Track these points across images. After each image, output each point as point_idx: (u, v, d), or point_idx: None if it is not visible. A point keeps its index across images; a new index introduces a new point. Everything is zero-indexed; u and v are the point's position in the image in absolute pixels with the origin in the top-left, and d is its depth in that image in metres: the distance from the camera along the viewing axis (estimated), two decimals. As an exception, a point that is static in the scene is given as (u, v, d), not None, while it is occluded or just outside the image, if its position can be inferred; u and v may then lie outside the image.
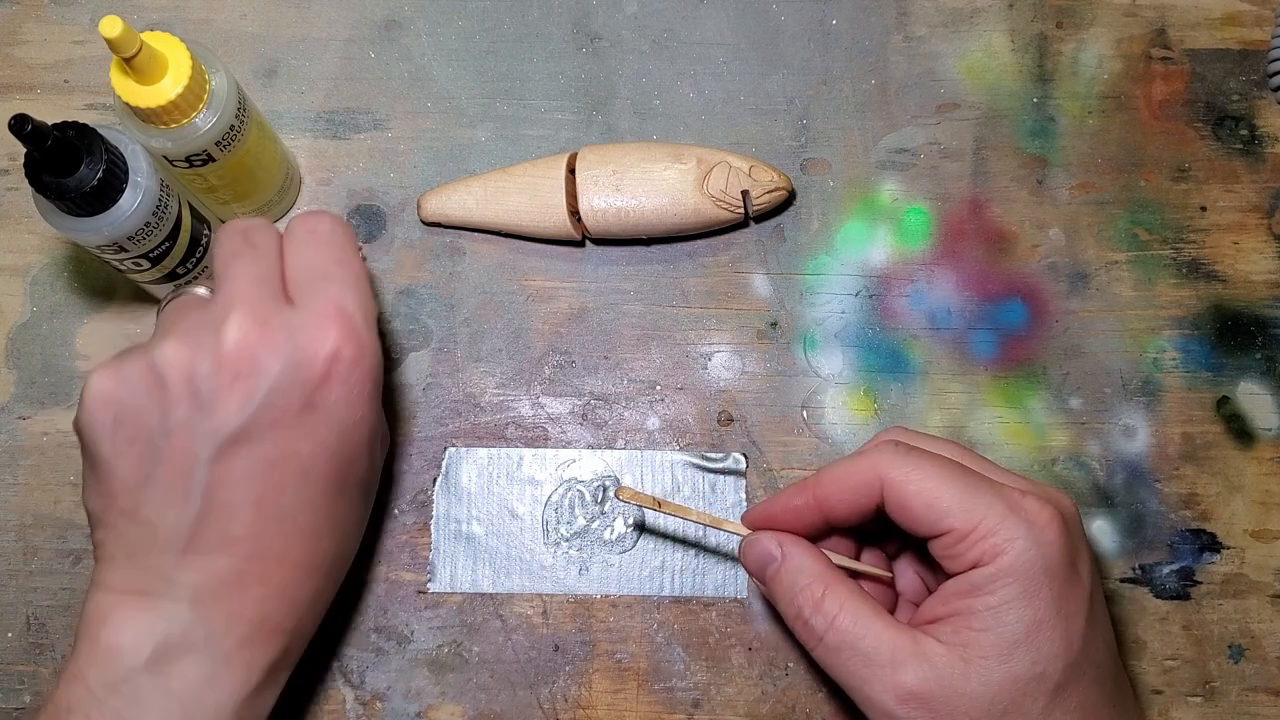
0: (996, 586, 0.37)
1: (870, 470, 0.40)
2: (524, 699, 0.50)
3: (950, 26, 0.58)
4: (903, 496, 0.39)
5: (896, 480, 0.39)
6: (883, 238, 0.56)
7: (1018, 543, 0.37)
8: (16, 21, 0.58)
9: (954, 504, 0.38)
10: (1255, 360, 0.54)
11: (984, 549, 0.37)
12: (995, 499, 0.38)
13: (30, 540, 0.52)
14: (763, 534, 0.43)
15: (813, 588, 0.40)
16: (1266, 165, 0.56)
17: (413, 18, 0.58)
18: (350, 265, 0.42)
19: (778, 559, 0.42)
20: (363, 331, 0.40)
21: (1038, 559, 0.37)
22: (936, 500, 0.38)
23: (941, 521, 0.38)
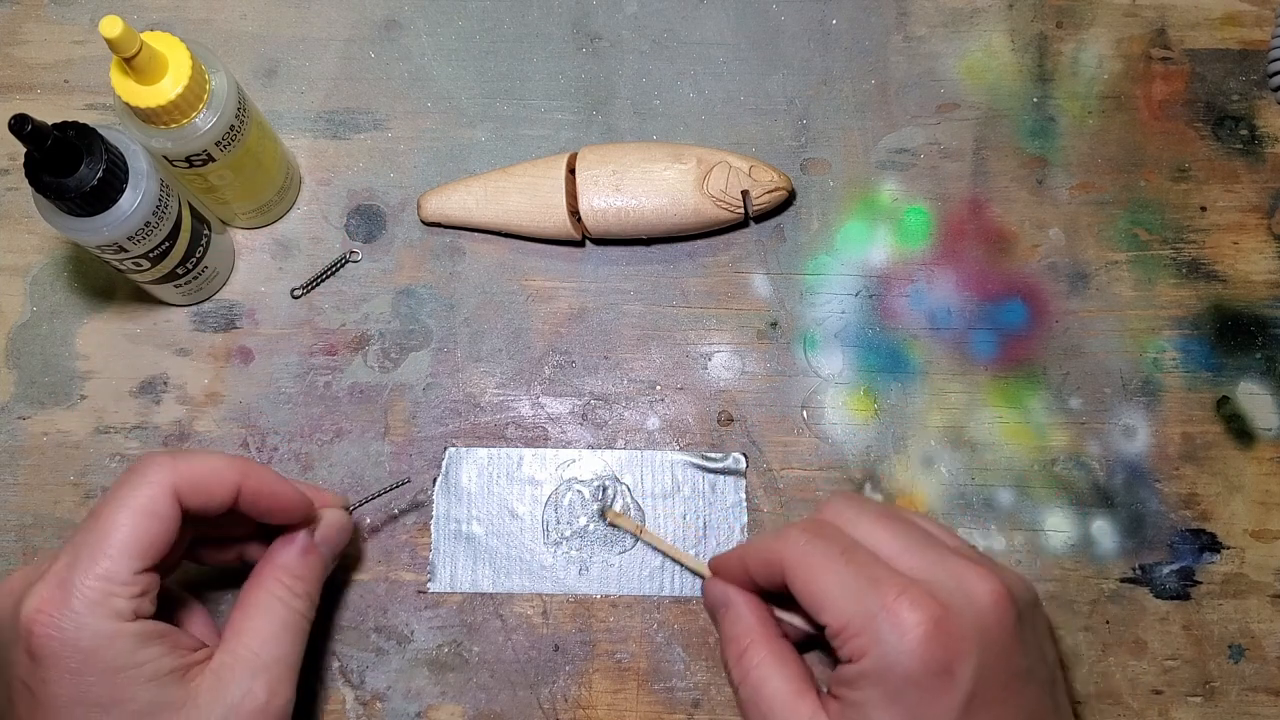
0: (862, 685, 0.38)
1: (777, 554, 0.42)
2: (524, 699, 0.50)
3: (950, 26, 0.58)
4: (795, 583, 0.41)
5: (791, 569, 0.41)
6: (883, 238, 0.56)
7: (879, 646, 0.38)
8: (16, 21, 0.58)
9: (831, 599, 0.39)
10: (1255, 360, 0.54)
11: (853, 647, 0.38)
12: (870, 598, 0.38)
13: (30, 540, 0.52)
14: (715, 582, 0.46)
15: (740, 640, 0.43)
16: (1266, 165, 0.56)
17: (413, 18, 0.58)
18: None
19: (725, 605, 0.45)
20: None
21: (895, 666, 0.37)
22: (819, 593, 0.40)
23: (821, 615, 0.39)
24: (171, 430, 0.53)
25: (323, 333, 0.54)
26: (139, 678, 0.38)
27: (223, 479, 0.40)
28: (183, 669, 0.39)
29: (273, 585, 0.42)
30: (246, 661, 0.40)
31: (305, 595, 0.43)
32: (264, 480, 0.42)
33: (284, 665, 0.41)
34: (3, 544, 0.52)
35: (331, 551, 0.46)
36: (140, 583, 0.38)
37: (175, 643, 0.39)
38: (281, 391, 0.54)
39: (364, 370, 0.54)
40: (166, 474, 0.39)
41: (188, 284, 0.52)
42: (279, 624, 0.41)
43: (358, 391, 0.54)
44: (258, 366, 0.54)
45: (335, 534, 0.46)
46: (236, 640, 0.41)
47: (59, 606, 0.37)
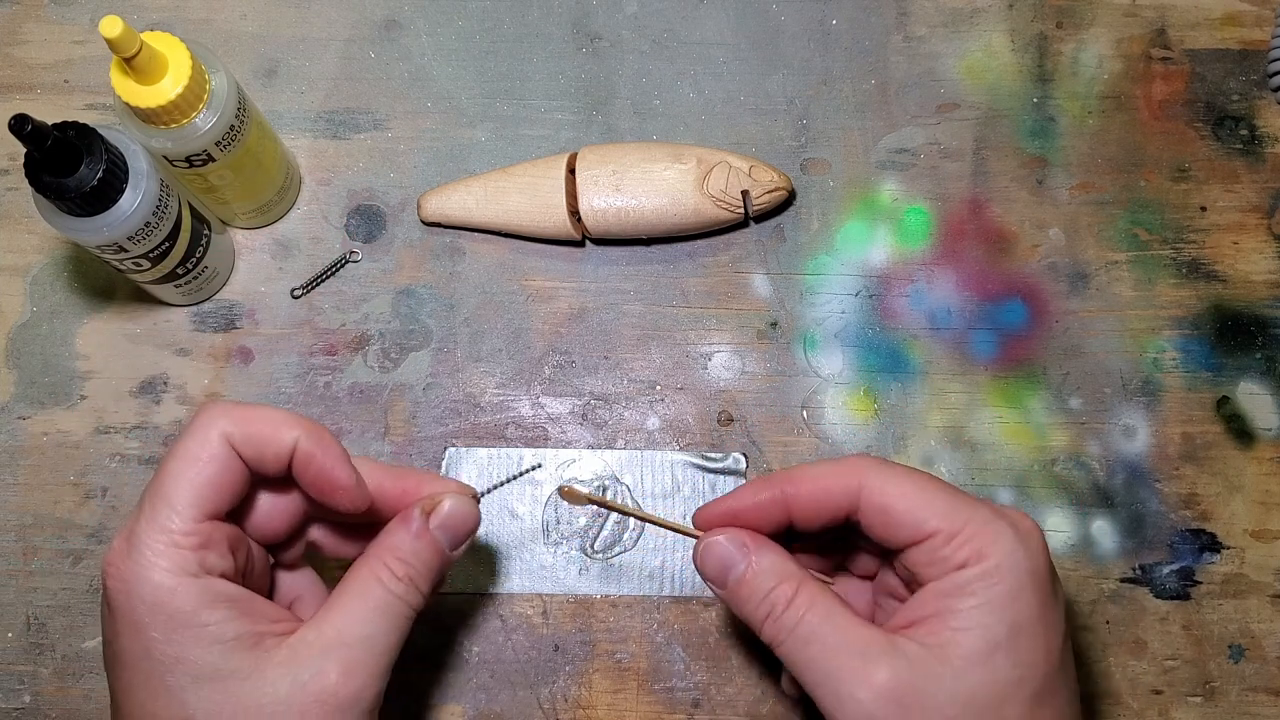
0: (980, 586, 0.36)
1: (851, 474, 0.38)
2: (524, 699, 0.50)
3: (950, 26, 0.58)
4: (885, 500, 0.38)
5: (878, 485, 0.38)
6: (883, 238, 0.56)
7: (1004, 544, 0.36)
8: (16, 21, 0.58)
9: (939, 507, 0.37)
10: (1255, 360, 0.54)
11: (970, 551, 0.36)
12: (980, 506, 0.37)
13: (30, 540, 0.52)
14: (722, 536, 0.40)
15: (783, 588, 0.38)
16: (1266, 165, 0.56)
17: (413, 18, 0.58)
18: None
19: (742, 563, 0.39)
20: None
21: (1024, 561, 0.36)
22: (922, 503, 0.37)
23: (926, 524, 0.37)
24: (171, 430, 0.53)
25: (323, 333, 0.54)
26: (203, 638, 0.35)
27: (278, 434, 0.38)
28: (254, 637, 0.36)
29: (375, 565, 0.39)
30: (327, 639, 0.37)
31: (408, 580, 0.39)
32: (321, 447, 0.38)
33: (369, 650, 0.37)
34: (3, 544, 0.52)
35: (451, 540, 0.41)
36: (202, 532, 0.36)
37: (249, 609, 0.37)
38: (281, 391, 0.54)
39: (364, 370, 0.54)
40: (220, 419, 0.37)
41: (188, 284, 0.52)
42: (372, 606, 0.38)
43: (358, 391, 0.54)
44: (258, 366, 0.54)
45: (457, 522, 0.41)
46: (323, 617, 0.38)
47: (124, 558, 0.36)
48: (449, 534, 0.41)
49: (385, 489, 0.41)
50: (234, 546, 0.38)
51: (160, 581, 0.35)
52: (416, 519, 0.40)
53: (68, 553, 0.52)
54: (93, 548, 0.52)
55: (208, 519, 0.37)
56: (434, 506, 0.41)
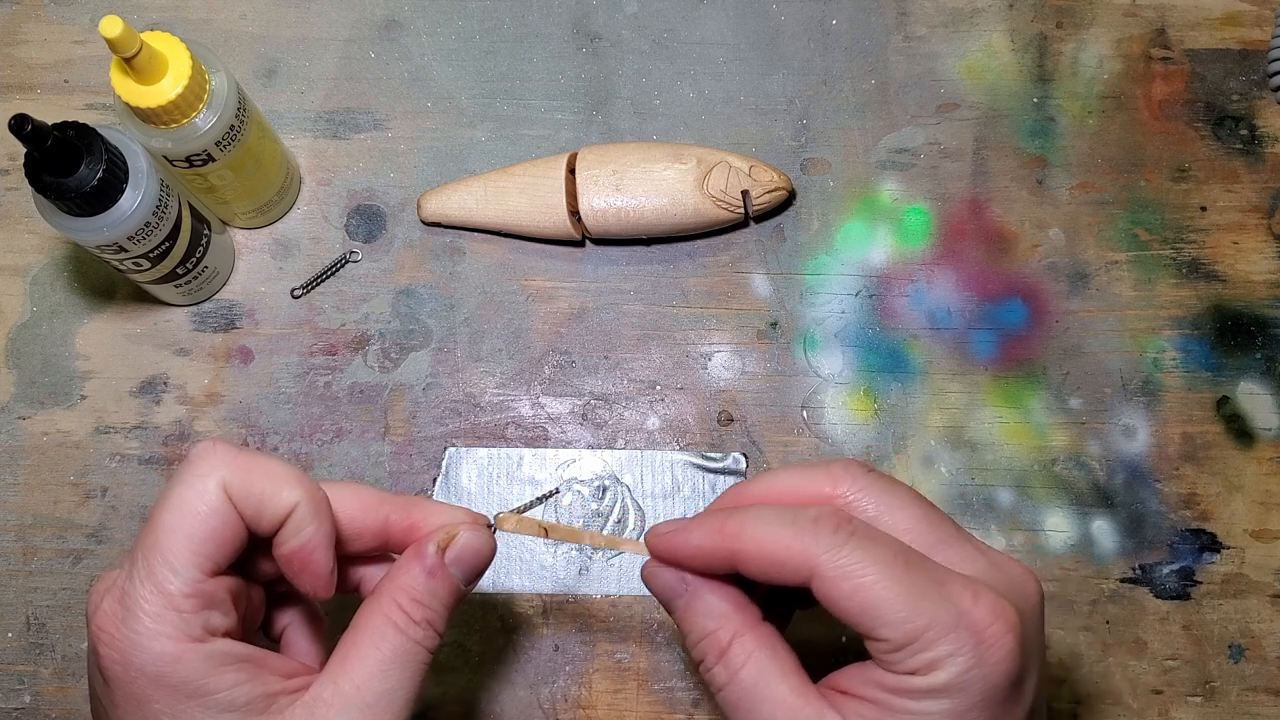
0: (926, 698, 0.33)
1: (802, 554, 0.34)
2: (524, 699, 0.50)
3: (950, 26, 0.58)
4: (836, 594, 0.34)
5: (830, 576, 0.34)
6: (883, 238, 0.56)
7: (959, 661, 0.33)
8: (16, 21, 0.58)
9: (893, 610, 0.33)
10: (1255, 360, 0.54)
11: (920, 661, 0.33)
12: (941, 605, 0.33)
13: (30, 540, 0.52)
14: (665, 567, 0.37)
15: (720, 633, 0.36)
16: (1266, 165, 0.56)
17: (413, 18, 0.58)
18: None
19: (683, 593, 0.37)
20: None
21: (977, 680, 0.33)
22: (874, 604, 0.33)
23: (876, 630, 0.33)
24: (172, 430, 0.53)
25: (323, 333, 0.54)
26: (211, 707, 0.33)
27: (279, 494, 0.35)
28: (266, 699, 0.34)
29: (389, 609, 0.36)
30: (346, 697, 0.34)
31: (426, 623, 0.36)
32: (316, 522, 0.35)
33: (389, 705, 0.35)
34: (3, 544, 0.52)
35: (466, 575, 0.38)
36: (204, 593, 0.33)
37: (261, 668, 0.34)
38: (281, 391, 0.54)
39: (364, 370, 0.54)
40: (219, 469, 0.34)
41: (188, 284, 0.52)
42: (390, 655, 0.35)
43: (358, 391, 0.54)
44: (258, 366, 0.54)
45: (471, 555, 0.38)
46: (339, 670, 0.35)
47: (118, 624, 0.33)
48: (464, 568, 0.38)
49: (393, 522, 0.38)
50: (236, 598, 0.36)
51: (162, 650, 0.33)
52: (431, 555, 0.37)
53: (68, 553, 0.52)
54: (93, 548, 0.52)
55: (209, 577, 0.34)
56: (449, 541, 0.38)
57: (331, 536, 0.36)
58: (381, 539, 0.38)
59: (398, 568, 0.37)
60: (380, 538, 0.38)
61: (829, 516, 0.35)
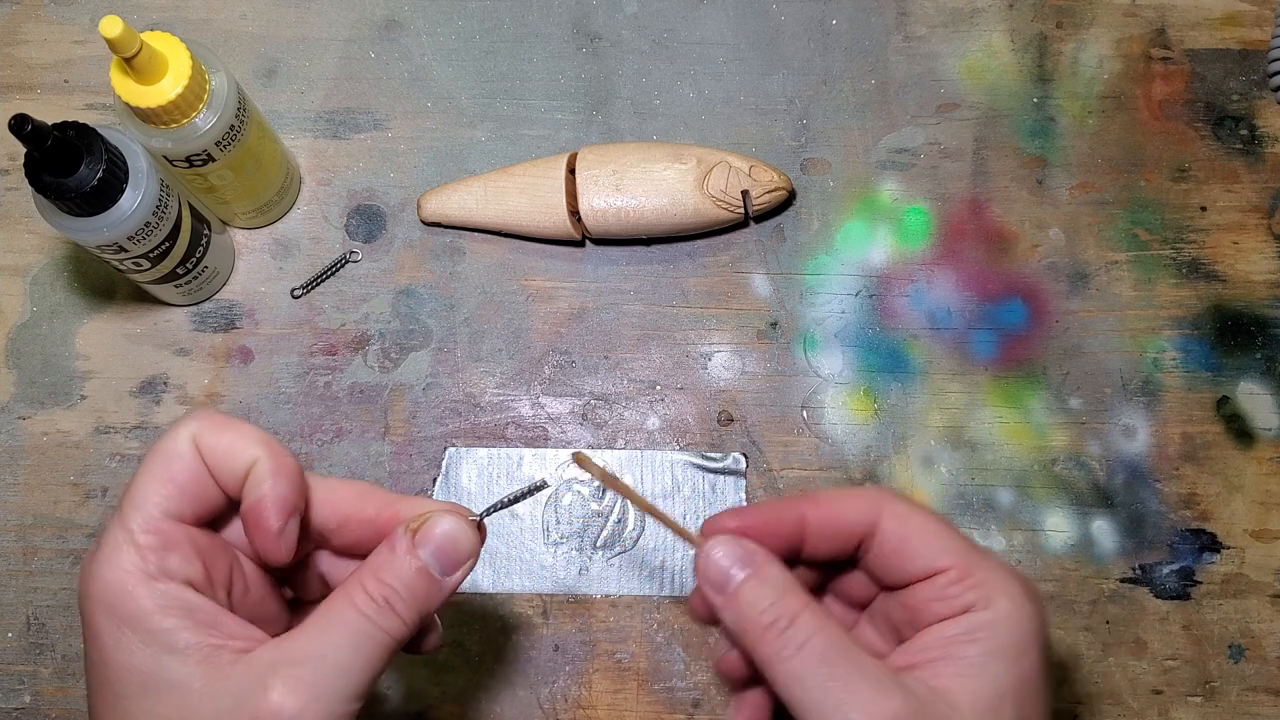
0: (987, 634, 0.35)
1: (872, 500, 0.37)
2: (524, 699, 0.50)
3: (950, 26, 0.58)
4: (904, 529, 0.37)
5: (899, 513, 0.37)
6: (883, 238, 0.56)
7: (1014, 595, 0.35)
8: (16, 21, 0.58)
9: (955, 545, 0.36)
10: (1255, 360, 0.54)
11: (979, 595, 0.35)
12: (989, 555, 0.37)
13: (30, 540, 0.52)
14: (728, 539, 0.37)
15: (790, 600, 0.36)
16: (1266, 165, 0.56)
17: (413, 18, 0.58)
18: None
19: (746, 569, 0.37)
20: None
21: (1031, 616, 0.35)
22: (938, 538, 0.36)
23: (940, 559, 0.36)
24: (171, 430, 0.53)
25: (323, 333, 0.54)
26: (151, 644, 0.33)
27: (241, 449, 0.35)
28: (208, 649, 0.34)
29: (350, 586, 0.36)
30: (283, 659, 0.34)
31: (384, 602, 0.35)
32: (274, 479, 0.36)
33: (320, 670, 0.34)
34: (3, 544, 0.52)
35: (441, 564, 0.37)
36: (163, 532, 0.34)
37: (209, 621, 0.34)
38: (281, 391, 0.54)
39: (364, 370, 0.54)
40: (192, 422, 0.36)
41: (188, 284, 0.52)
42: (337, 625, 0.35)
43: (358, 391, 0.54)
44: (258, 366, 0.54)
45: (448, 544, 0.37)
46: (288, 637, 0.35)
47: (90, 558, 0.34)
48: (440, 558, 0.37)
49: (383, 517, 0.38)
50: (206, 555, 0.36)
51: (113, 579, 0.34)
52: (400, 538, 0.37)
53: (68, 553, 0.52)
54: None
55: (170, 519, 0.35)
56: (421, 524, 0.37)
57: (290, 500, 0.36)
58: (371, 530, 0.39)
59: (372, 553, 0.37)
60: (370, 529, 0.38)
61: (884, 487, 0.39)
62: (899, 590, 0.37)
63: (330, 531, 0.38)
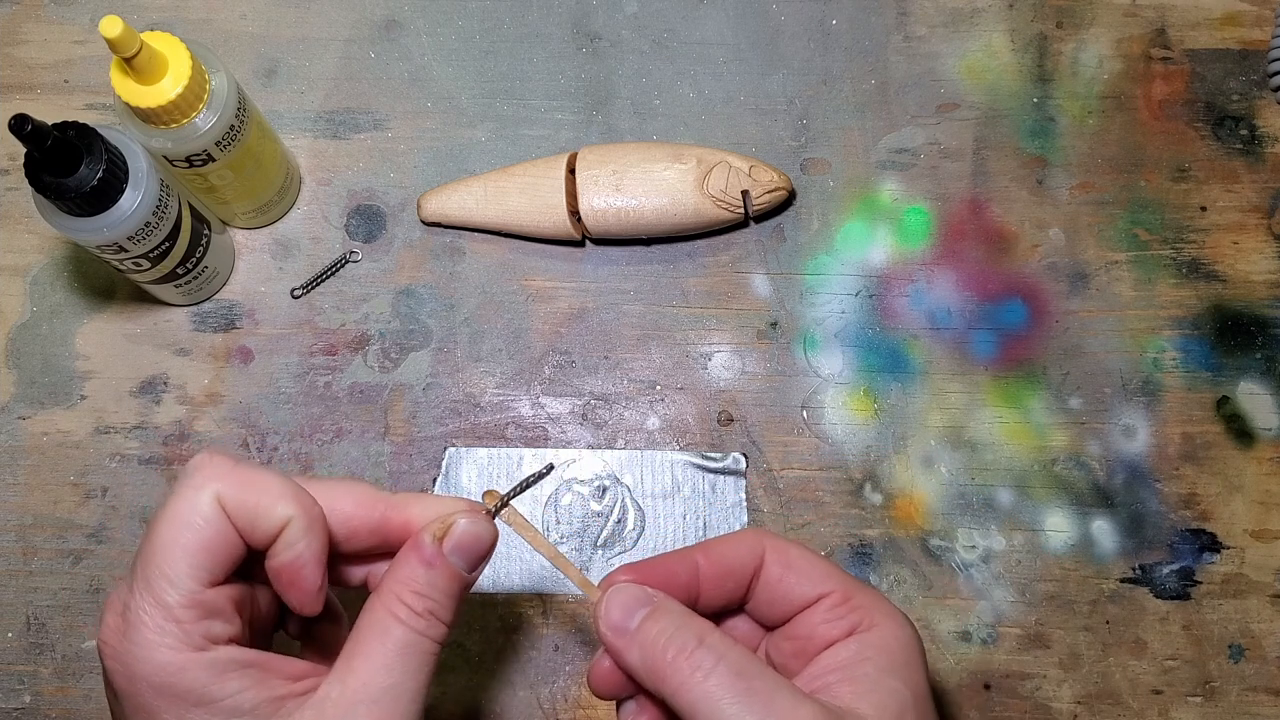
0: (877, 653, 0.37)
1: (754, 539, 0.40)
2: (524, 699, 0.50)
3: (950, 26, 0.58)
4: (786, 560, 0.39)
5: (779, 547, 0.39)
6: (883, 238, 0.56)
7: (893, 616, 0.38)
8: (16, 21, 0.58)
9: (832, 571, 0.39)
10: (1255, 360, 0.54)
11: (862, 615, 0.37)
12: (865, 583, 0.39)
13: (30, 540, 0.52)
14: (627, 584, 0.38)
15: (694, 626, 0.37)
16: (1266, 165, 0.56)
17: (413, 18, 0.58)
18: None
19: (650, 604, 0.37)
20: None
21: (912, 637, 0.37)
22: (820, 569, 0.39)
23: (822, 583, 0.38)
24: (171, 430, 0.53)
25: (323, 333, 0.54)
26: (219, 712, 0.33)
27: (273, 508, 0.35)
28: (274, 702, 0.34)
29: (390, 603, 0.36)
30: (353, 694, 0.34)
31: (428, 614, 0.36)
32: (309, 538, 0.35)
33: (396, 700, 0.35)
34: (3, 544, 0.52)
35: (468, 563, 0.38)
36: (204, 603, 0.33)
37: (266, 672, 0.34)
38: (281, 391, 0.54)
39: (364, 370, 0.54)
40: (213, 481, 0.34)
41: (188, 284, 0.52)
42: (394, 649, 0.35)
43: (358, 391, 0.54)
44: (258, 366, 0.54)
45: (471, 542, 0.38)
46: (345, 668, 0.35)
47: (120, 637, 0.33)
48: (465, 556, 0.38)
49: (389, 519, 0.38)
50: (240, 604, 0.36)
51: (165, 661, 0.33)
52: (428, 545, 0.37)
53: (68, 553, 0.52)
54: (93, 548, 0.52)
55: (207, 587, 0.34)
56: (445, 530, 0.37)
57: (323, 554, 0.36)
58: (379, 537, 0.38)
59: (397, 562, 0.37)
60: (378, 535, 0.38)
61: (762, 530, 0.41)
62: (785, 625, 0.39)
63: (338, 543, 0.38)
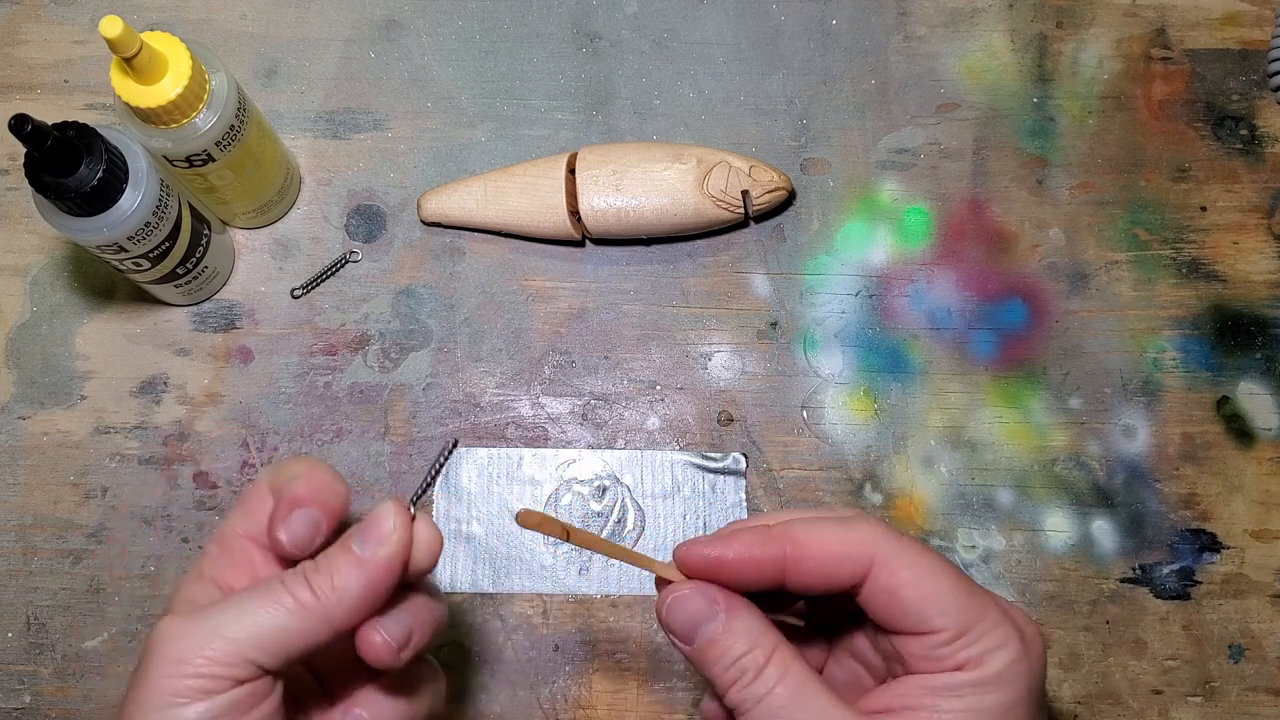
0: (973, 692, 0.33)
1: (862, 545, 0.35)
2: (524, 699, 0.50)
3: (950, 26, 0.58)
4: (896, 584, 0.34)
5: (892, 564, 0.34)
6: (883, 238, 0.56)
7: (1009, 653, 0.34)
8: (16, 21, 0.58)
9: (951, 603, 0.34)
10: (1255, 360, 0.54)
11: (971, 655, 0.34)
12: (991, 603, 0.35)
13: (30, 540, 0.52)
14: (693, 589, 0.36)
15: (756, 654, 0.34)
16: (1266, 165, 0.56)
17: (413, 18, 0.58)
18: None
19: (713, 623, 0.35)
20: None
21: (1024, 674, 0.34)
22: (933, 596, 0.34)
23: (933, 620, 0.34)
24: (171, 430, 0.53)
25: (323, 333, 0.54)
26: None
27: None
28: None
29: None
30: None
31: (302, 575, 0.35)
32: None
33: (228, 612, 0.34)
34: (3, 544, 0.52)
35: (362, 540, 0.36)
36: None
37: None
38: (281, 391, 0.54)
39: (364, 370, 0.54)
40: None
41: (188, 284, 0.52)
42: (260, 591, 0.35)
43: (358, 391, 0.54)
44: (258, 366, 0.54)
45: (369, 522, 0.36)
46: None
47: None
48: (362, 535, 0.36)
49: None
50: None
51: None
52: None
53: (68, 553, 0.52)
54: (93, 548, 0.52)
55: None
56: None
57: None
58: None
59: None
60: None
61: (878, 521, 0.36)
62: (888, 633, 0.36)
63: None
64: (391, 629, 0.36)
